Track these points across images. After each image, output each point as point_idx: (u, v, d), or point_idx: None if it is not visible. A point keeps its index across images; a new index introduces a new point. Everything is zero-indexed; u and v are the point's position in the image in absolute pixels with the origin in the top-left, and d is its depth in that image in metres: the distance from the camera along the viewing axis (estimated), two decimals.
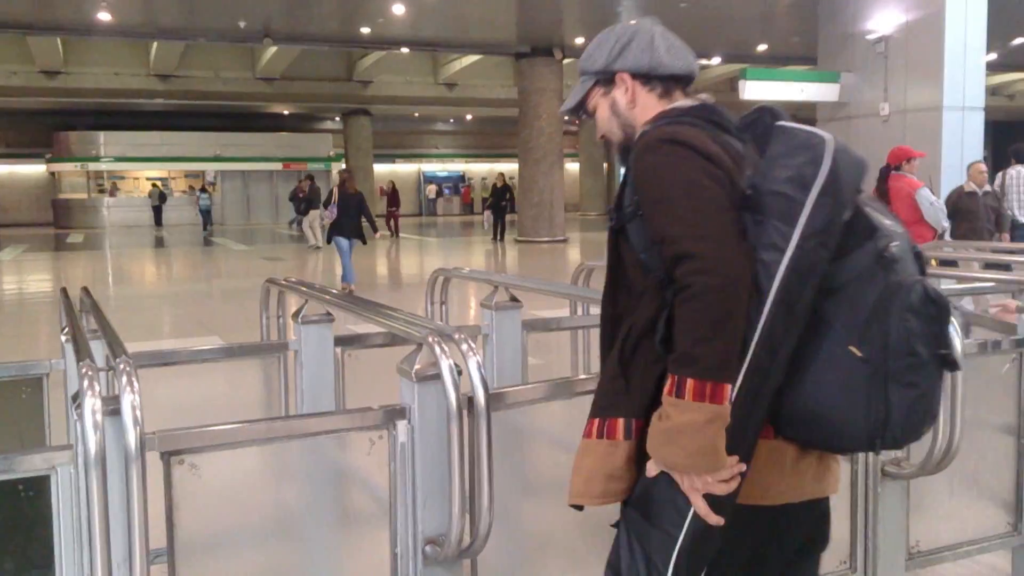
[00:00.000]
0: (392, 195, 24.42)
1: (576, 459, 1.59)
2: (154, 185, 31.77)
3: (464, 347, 1.88)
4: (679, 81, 1.69)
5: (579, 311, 3.84)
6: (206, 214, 28.24)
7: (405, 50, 23.15)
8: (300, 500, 1.98)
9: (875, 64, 14.31)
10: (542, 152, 20.59)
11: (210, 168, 32.13)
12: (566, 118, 20.74)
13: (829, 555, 2.44)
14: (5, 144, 34.45)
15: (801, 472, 1.55)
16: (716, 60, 24.62)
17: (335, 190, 11.55)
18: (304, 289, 2.95)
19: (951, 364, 1.48)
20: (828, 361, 1.44)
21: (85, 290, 2.91)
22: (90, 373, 1.63)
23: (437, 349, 1.85)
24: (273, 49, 24.08)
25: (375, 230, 11.77)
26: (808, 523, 1.64)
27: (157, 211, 30.84)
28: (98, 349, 2.29)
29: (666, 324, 1.46)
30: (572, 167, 34.66)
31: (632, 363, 1.55)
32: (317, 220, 19.40)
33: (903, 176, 6.68)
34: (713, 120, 1.58)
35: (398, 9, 17.14)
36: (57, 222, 31.21)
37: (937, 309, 1.45)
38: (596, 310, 3.62)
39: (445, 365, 1.84)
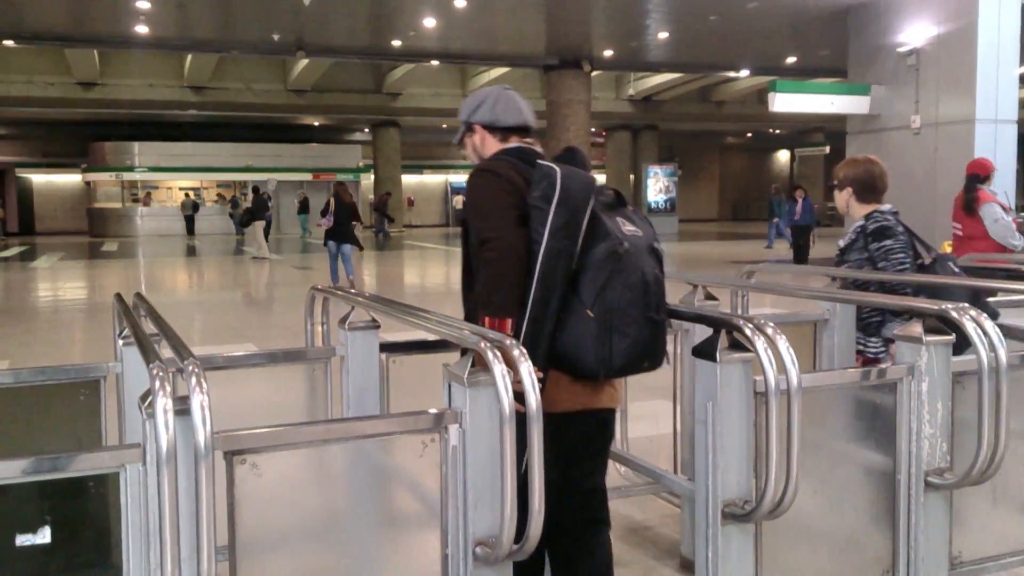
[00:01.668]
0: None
1: None
2: (187, 195, 32.22)
3: (516, 352, 1.92)
4: (515, 130, 2.50)
5: None
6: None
7: (435, 63, 23.34)
8: (354, 500, 2.03)
9: (906, 76, 14.22)
10: None
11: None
12: (592, 130, 20.91)
13: (872, 564, 2.46)
14: (42, 154, 35.15)
15: (576, 391, 2.28)
16: (745, 72, 24.58)
17: (331, 200, 13.12)
18: (349, 296, 3.01)
19: (656, 324, 2.24)
20: (574, 319, 2.20)
21: (139, 296, 2.99)
22: (161, 374, 1.69)
23: (490, 355, 1.90)
24: (304, 61, 24.38)
25: (363, 224, 13.57)
26: (587, 426, 2.37)
27: (189, 220, 31.24)
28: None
29: None
30: (599, 178, 34.62)
31: (476, 317, 2.27)
32: (260, 231, 19.71)
33: (983, 190, 6.69)
34: (521, 157, 2.39)
35: (429, 22, 17.32)
36: (92, 231, 31.74)
37: (650, 287, 2.22)
38: None
39: (498, 370, 1.88)
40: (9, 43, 19.72)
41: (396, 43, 19.70)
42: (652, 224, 2.40)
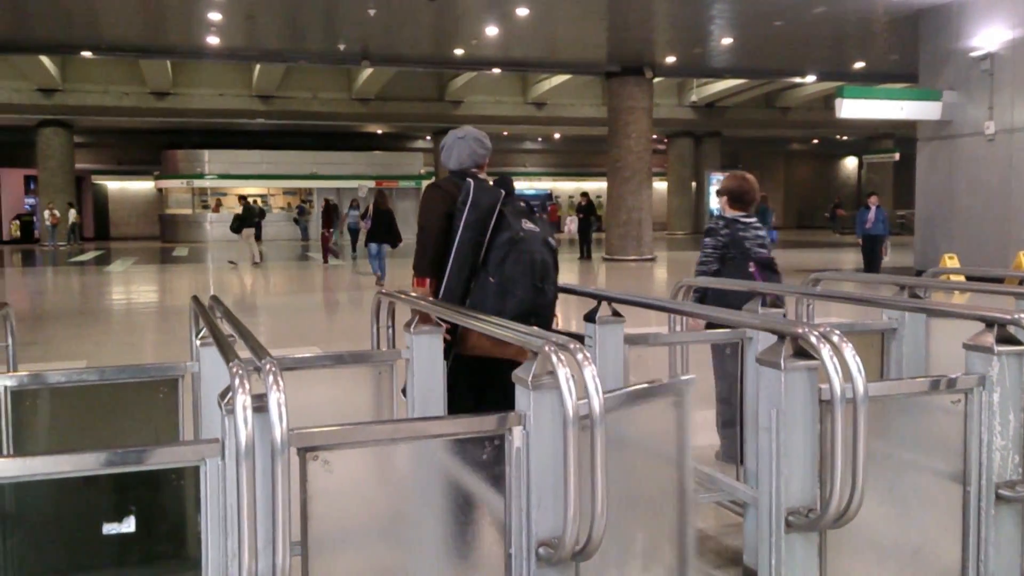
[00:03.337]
0: (326, 214, 20.91)
1: None
2: (254, 201, 32.98)
3: (580, 356, 1.95)
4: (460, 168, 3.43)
5: (678, 327, 3.86)
6: (354, 233, 22.87)
7: (496, 71, 23.49)
8: (420, 499, 2.08)
9: (979, 81, 13.83)
10: (631, 171, 20.57)
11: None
12: (654, 136, 20.90)
13: None
14: (117, 161, 36.42)
15: (483, 341, 3.05)
16: (811, 78, 24.16)
17: (371, 206, 15.16)
18: (413, 301, 3.08)
19: (539, 290, 3.12)
20: (481, 284, 3.14)
21: (215, 298, 3.11)
22: (241, 372, 1.77)
23: (555, 358, 1.93)
24: (369, 71, 24.77)
25: (400, 240, 14.63)
26: (496, 369, 2.99)
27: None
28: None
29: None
30: (660, 186, 34.44)
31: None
32: (252, 238, 20.20)
33: None
34: (463, 177, 3.30)
35: (491, 31, 17.45)
36: (164, 236, 32.73)
37: (536, 264, 3.12)
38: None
39: (562, 374, 1.91)
40: (87, 54, 20.52)
41: (459, 52, 19.89)
42: (550, 226, 3.34)
